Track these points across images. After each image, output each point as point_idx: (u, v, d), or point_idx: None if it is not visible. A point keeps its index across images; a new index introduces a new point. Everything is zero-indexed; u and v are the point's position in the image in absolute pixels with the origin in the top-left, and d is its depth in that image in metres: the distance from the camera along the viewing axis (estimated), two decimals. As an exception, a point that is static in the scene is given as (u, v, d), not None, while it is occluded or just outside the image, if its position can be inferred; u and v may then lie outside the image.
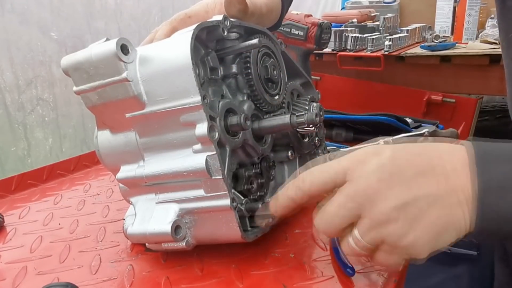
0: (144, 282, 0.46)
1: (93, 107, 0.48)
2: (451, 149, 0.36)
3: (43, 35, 1.16)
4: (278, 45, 0.57)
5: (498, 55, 1.14)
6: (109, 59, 0.42)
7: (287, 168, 0.63)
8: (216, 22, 0.46)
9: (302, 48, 0.96)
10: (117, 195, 0.71)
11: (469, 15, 1.43)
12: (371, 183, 0.35)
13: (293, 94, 0.62)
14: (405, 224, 0.34)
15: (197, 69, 0.43)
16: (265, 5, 0.57)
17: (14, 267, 0.51)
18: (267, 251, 0.50)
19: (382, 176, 0.35)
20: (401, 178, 0.35)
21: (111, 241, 0.56)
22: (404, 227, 0.34)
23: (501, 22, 0.59)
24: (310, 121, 0.47)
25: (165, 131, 0.44)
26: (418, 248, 0.34)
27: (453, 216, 0.34)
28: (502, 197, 0.32)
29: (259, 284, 0.45)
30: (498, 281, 0.72)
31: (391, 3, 1.91)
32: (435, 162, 0.35)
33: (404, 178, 0.34)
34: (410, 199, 0.34)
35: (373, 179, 0.35)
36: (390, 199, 0.34)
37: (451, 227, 0.34)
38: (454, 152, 0.36)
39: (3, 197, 0.73)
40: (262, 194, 0.53)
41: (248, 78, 0.50)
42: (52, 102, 1.21)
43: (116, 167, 0.50)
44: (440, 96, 1.15)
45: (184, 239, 0.45)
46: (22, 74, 1.12)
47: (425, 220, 0.34)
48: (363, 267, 0.47)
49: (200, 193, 0.44)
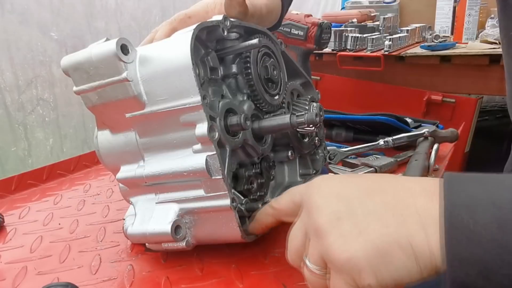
0: (144, 282, 0.47)
1: (93, 107, 0.48)
2: (409, 181, 0.33)
3: (43, 35, 1.16)
4: (278, 45, 0.57)
5: (498, 55, 1.14)
6: (109, 59, 0.42)
7: (287, 168, 0.63)
8: (216, 22, 0.46)
9: (302, 48, 0.96)
10: (117, 195, 0.71)
11: (469, 15, 1.43)
12: (314, 200, 0.33)
13: (293, 94, 0.62)
14: (339, 238, 0.30)
15: (197, 69, 0.43)
16: (265, 6, 0.57)
17: (14, 267, 0.51)
18: (267, 251, 0.51)
19: (324, 193, 0.33)
20: (342, 195, 0.33)
21: (111, 241, 0.56)
22: (338, 241, 0.30)
23: (502, 19, 0.59)
24: (310, 121, 0.47)
25: (165, 131, 0.44)
26: (361, 270, 0.29)
27: (408, 234, 0.29)
28: (471, 216, 0.26)
29: (259, 284, 0.45)
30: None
31: (391, 3, 1.91)
32: (386, 186, 0.32)
33: (345, 194, 0.32)
34: (345, 213, 0.31)
35: (316, 197, 0.34)
36: (325, 213, 0.32)
37: (405, 248, 0.28)
38: (415, 182, 0.32)
39: (3, 197, 0.73)
40: (262, 194, 0.53)
41: (248, 78, 0.50)
42: (52, 102, 1.21)
43: (116, 167, 0.50)
44: (440, 96, 1.15)
45: (184, 239, 0.45)
46: (22, 74, 1.12)
47: (364, 236, 0.30)
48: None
49: (200, 193, 0.44)
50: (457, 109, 1.14)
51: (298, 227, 0.36)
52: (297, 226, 0.36)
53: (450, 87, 1.25)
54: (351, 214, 0.31)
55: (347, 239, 0.30)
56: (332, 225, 0.31)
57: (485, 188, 0.27)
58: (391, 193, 0.31)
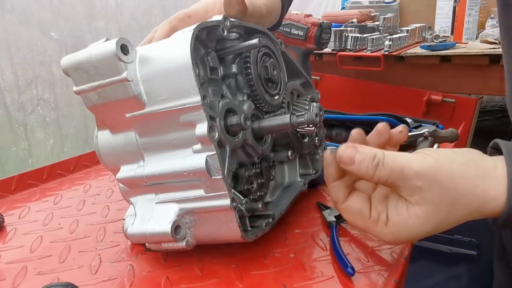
0: (144, 282, 0.47)
1: (93, 107, 0.48)
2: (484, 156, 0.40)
3: (43, 35, 1.16)
4: (278, 45, 0.57)
5: (498, 55, 1.14)
6: (109, 59, 0.43)
7: (287, 168, 0.63)
8: (216, 22, 0.46)
9: (302, 48, 0.96)
10: (117, 195, 0.71)
11: (469, 15, 1.43)
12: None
13: (293, 94, 0.62)
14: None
15: (197, 69, 0.43)
16: (264, 6, 0.57)
17: (14, 267, 0.51)
18: (267, 251, 0.51)
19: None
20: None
21: (111, 241, 0.56)
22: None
23: (502, 19, 0.59)
24: (310, 121, 0.47)
25: (165, 131, 0.44)
26: None
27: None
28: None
29: (259, 284, 0.45)
30: (497, 281, 0.72)
31: (391, 3, 1.91)
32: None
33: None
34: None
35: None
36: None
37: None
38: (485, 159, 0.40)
39: (3, 197, 0.73)
40: (262, 194, 0.53)
41: (248, 78, 0.50)
42: (53, 102, 1.21)
43: (116, 167, 0.50)
44: (440, 96, 1.15)
45: (184, 239, 0.45)
46: (22, 74, 1.12)
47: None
48: (363, 267, 0.47)
49: (200, 193, 0.44)
50: (457, 109, 1.13)
51: None
52: None
53: (450, 87, 1.25)
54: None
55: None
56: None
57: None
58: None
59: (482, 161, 0.40)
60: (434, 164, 0.38)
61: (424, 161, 0.38)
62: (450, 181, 0.38)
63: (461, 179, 0.38)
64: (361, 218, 0.43)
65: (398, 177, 0.38)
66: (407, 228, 0.40)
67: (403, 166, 0.38)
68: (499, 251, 0.72)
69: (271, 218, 0.49)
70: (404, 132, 0.46)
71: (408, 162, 0.38)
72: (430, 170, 0.38)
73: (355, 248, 0.51)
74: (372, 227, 0.42)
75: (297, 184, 0.62)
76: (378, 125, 0.45)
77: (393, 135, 0.46)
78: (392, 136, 0.46)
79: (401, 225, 0.40)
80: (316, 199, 0.64)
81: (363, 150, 0.40)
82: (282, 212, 0.53)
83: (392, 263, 0.47)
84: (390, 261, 0.48)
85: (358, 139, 0.45)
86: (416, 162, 0.38)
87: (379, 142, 0.45)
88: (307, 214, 0.60)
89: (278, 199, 0.58)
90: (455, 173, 0.38)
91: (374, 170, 0.39)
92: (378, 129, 0.45)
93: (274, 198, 0.58)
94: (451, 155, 0.40)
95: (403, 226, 0.40)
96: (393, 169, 0.38)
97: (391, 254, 0.49)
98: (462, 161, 0.39)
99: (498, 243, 0.72)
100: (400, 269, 0.46)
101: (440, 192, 0.38)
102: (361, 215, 0.43)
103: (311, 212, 0.60)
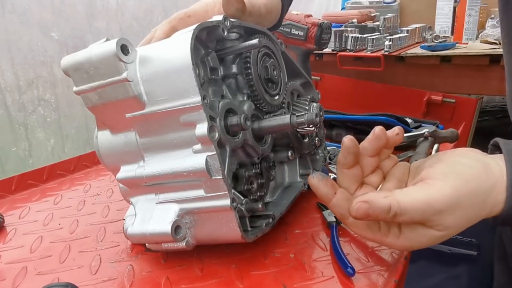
0: (144, 282, 0.47)
1: (93, 107, 0.48)
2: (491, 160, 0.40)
3: (44, 36, 1.16)
4: (278, 45, 0.57)
5: (498, 55, 1.14)
6: (109, 59, 0.43)
7: (287, 168, 0.63)
8: (216, 22, 0.46)
9: (302, 48, 0.96)
10: (117, 195, 0.71)
11: (469, 15, 1.43)
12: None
13: (293, 94, 0.62)
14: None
15: (197, 69, 0.44)
16: (264, 6, 0.57)
17: (14, 267, 0.51)
18: (267, 251, 0.51)
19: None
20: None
21: (111, 241, 0.56)
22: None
23: (503, 18, 0.59)
24: (310, 121, 0.47)
25: (165, 131, 0.44)
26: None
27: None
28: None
29: (259, 284, 0.45)
30: (497, 281, 0.72)
31: (391, 3, 1.91)
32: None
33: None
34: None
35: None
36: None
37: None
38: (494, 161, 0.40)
39: (3, 197, 0.73)
40: (262, 194, 0.53)
41: (248, 78, 0.50)
42: (54, 102, 1.21)
43: (116, 167, 0.50)
44: (440, 96, 1.15)
45: (184, 239, 0.45)
46: (23, 74, 1.12)
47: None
48: (363, 267, 0.47)
49: (200, 193, 0.44)
50: (457, 109, 1.13)
51: None
52: None
53: (450, 87, 1.25)
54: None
55: None
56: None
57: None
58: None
59: (489, 168, 0.39)
60: (454, 194, 0.38)
61: (443, 195, 0.37)
62: (469, 201, 0.38)
63: (477, 198, 0.38)
64: (370, 232, 0.43)
65: (419, 219, 0.38)
66: (421, 243, 0.40)
67: (423, 210, 0.37)
68: (499, 251, 0.72)
69: (271, 218, 0.49)
70: (400, 134, 0.45)
71: (427, 201, 0.37)
72: (452, 203, 0.37)
73: (355, 248, 0.51)
74: (383, 239, 0.42)
75: (297, 184, 0.62)
76: (375, 129, 0.44)
77: (389, 138, 0.45)
78: (389, 139, 0.45)
79: (414, 240, 0.40)
80: (316, 199, 0.64)
81: (377, 205, 0.38)
82: (282, 212, 0.53)
83: (392, 263, 0.47)
84: (390, 261, 0.48)
85: (352, 147, 0.44)
86: (436, 199, 0.37)
87: (376, 147, 0.44)
88: (307, 214, 0.60)
89: (278, 199, 0.58)
90: (471, 192, 0.38)
91: (393, 219, 0.38)
92: (375, 134, 0.44)
93: (274, 198, 0.58)
94: (462, 170, 0.39)
95: (416, 241, 0.40)
96: (413, 216, 0.38)
97: (391, 254, 0.49)
98: (474, 175, 0.39)
99: (498, 243, 0.72)
100: (400, 269, 0.46)
101: (461, 215, 0.38)
102: (371, 229, 0.43)
103: (311, 212, 0.61)
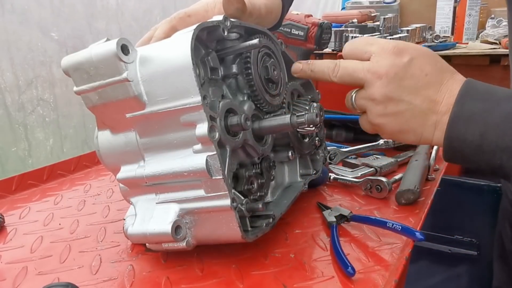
0: (145, 282, 0.47)
1: (93, 107, 0.48)
2: (452, 83, 0.44)
3: (43, 36, 1.16)
4: (279, 45, 0.57)
5: (498, 55, 1.14)
6: (109, 60, 0.43)
7: (288, 168, 0.63)
8: (216, 22, 0.46)
9: (303, 48, 0.96)
10: (117, 195, 0.71)
11: (469, 15, 1.43)
12: (381, 70, 0.44)
13: (294, 94, 0.62)
14: (382, 109, 0.45)
15: (197, 69, 0.44)
16: (264, 6, 0.57)
17: (14, 267, 0.51)
18: (267, 251, 0.51)
19: (390, 72, 0.44)
20: (401, 81, 0.44)
21: (111, 241, 0.56)
22: (380, 111, 0.45)
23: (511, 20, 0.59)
24: (310, 121, 0.47)
25: (166, 131, 0.44)
26: (383, 130, 0.47)
27: (422, 128, 0.44)
28: (466, 127, 0.42)
29: (259, 284, 0.45)
30: (497, 279, 0.73)
31: (391, 3, 1.91)
32: (432, 87, 0.44)
33: (403, 83, 0.44)
34: (397, 97, 0.44)
35: (383, 70, 0.44)
36: (384, 88, 0.44)
37: (415, 133, 0.45)
38: (453, 85, 0.44)
39: (4, 197, 0.73)
40: (262, 194, 0.53)
41: (249, 78, 0.50)
42: (52, 102, 1.21)
43: (116, 167, 0.50)
44: (440, 96, 1.15)
45: (184, 239, 0.45)
46: (22, 74, 1.12)
47: (399, 116, 0.45)
48: (363, 267, 0.47)
49: (200, 193, 0.44)
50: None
51: (359, 69, 0.47)
52: (359, 68, 0.47)
53: (450, 87, 1.25)
54: (400, 99, 0.44)
55: (387, 113, 0.45)
56: (384, 99, 0.44)
57: (485, 106, 0.41)
58: (432, 95, 0.44)
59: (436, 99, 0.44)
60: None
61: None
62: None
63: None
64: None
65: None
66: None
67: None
68: (498, 249, 0.72)
69: (271, 218, 0.49)
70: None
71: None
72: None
73: (355, 248, 0.51)
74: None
75: (298, 184, 0.62)
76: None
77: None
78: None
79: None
80: (316, 199, 0.64)
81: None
82: (282, 212, 0.53)
83: (392, 263, 0.47)
84: (391, 261, 0.48)
85: None
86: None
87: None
88: (307, 214, 0.60)
89: (278, 199, 0.58)
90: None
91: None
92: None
93: (274, 198, 0.58)
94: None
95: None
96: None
97: (392, 254, 0.49)
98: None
99: (498, 241, 0.72)
100: (400, 269, 0.46)
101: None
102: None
103: (311, 212, 0.61)
